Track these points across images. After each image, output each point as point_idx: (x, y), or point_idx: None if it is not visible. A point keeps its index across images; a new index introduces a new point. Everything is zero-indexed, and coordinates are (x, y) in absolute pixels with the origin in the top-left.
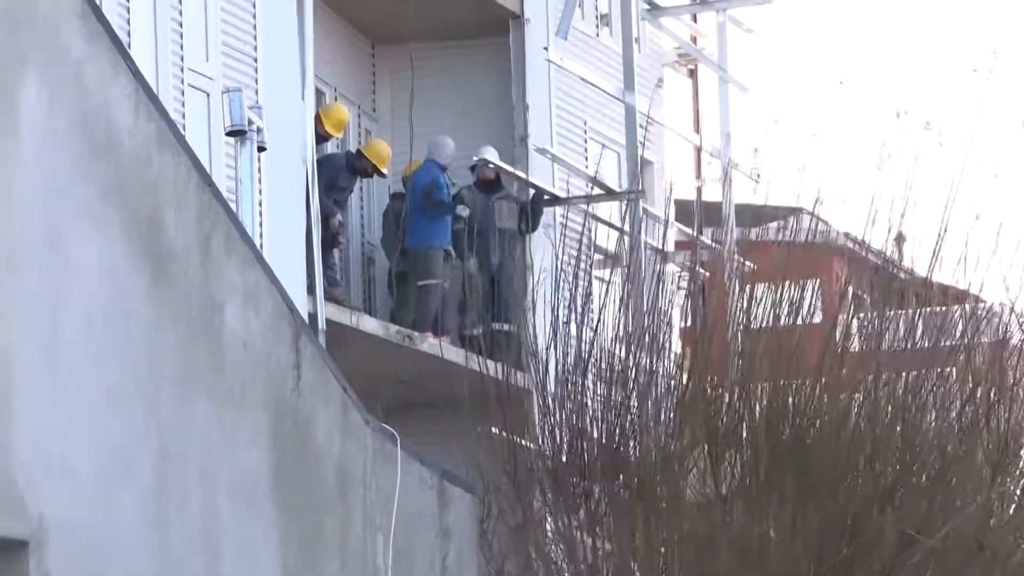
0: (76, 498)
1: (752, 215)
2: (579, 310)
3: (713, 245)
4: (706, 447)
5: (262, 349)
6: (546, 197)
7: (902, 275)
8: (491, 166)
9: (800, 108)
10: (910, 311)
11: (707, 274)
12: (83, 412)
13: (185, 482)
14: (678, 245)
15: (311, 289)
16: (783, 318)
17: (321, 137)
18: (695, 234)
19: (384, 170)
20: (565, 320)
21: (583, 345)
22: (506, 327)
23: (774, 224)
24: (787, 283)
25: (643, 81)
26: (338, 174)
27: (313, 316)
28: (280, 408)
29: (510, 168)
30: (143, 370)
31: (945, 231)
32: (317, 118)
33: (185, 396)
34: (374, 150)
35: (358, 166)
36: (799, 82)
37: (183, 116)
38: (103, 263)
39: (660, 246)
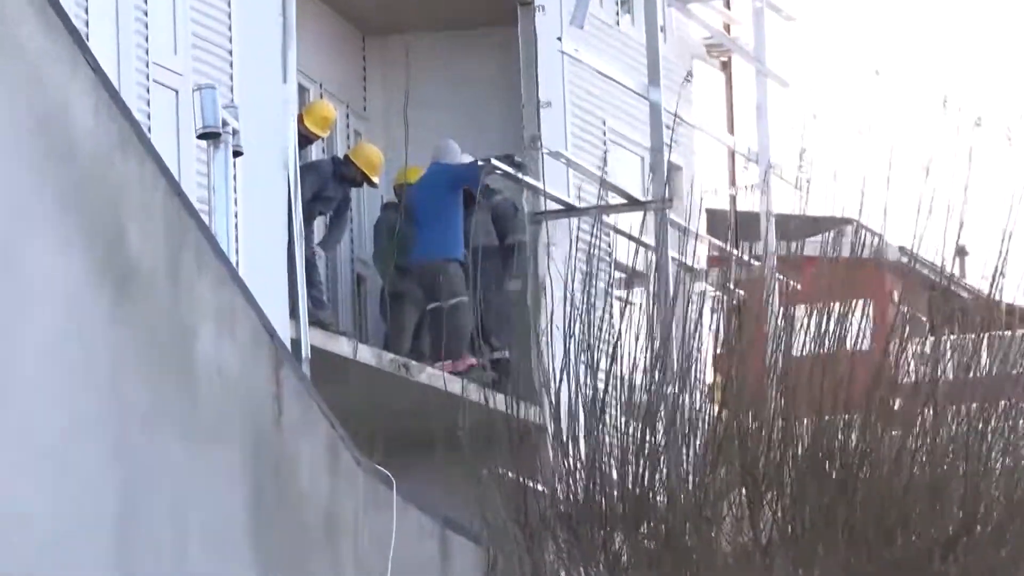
0: (30, 549)
1: (794, 227)
2: (598, 336)
3: (750, 261)
4: (743, 490)
5: (239, 379)
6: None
7: (962, 294)
8: (498, 172)
9: (845, 103)
10: (972, 335)
11: (743, 294)
12: (38, 451)
13: (153, 529)
14: (710, 261)
15: (294, 312)
16: (829, 344)
17: (304, 139)
18: (729, 249)
19: (375, 179)
20: (582, 347)
21: (602, 376)
22: (499, 355)
23: (818, 237)
24: (833, 304)
25: (670, 75)
26: (325, 183)
27: (296, 342)
28: (259, 446)
29: (512, 170)
30: (105, 403)
31: (1009, 242)
32: (299, 118)
33: (152, 432)
34: (364, 156)
35: (346, 174)
36: (845, 75)
37: (148, 116)
38: (60, 282)
39: (690, 262)
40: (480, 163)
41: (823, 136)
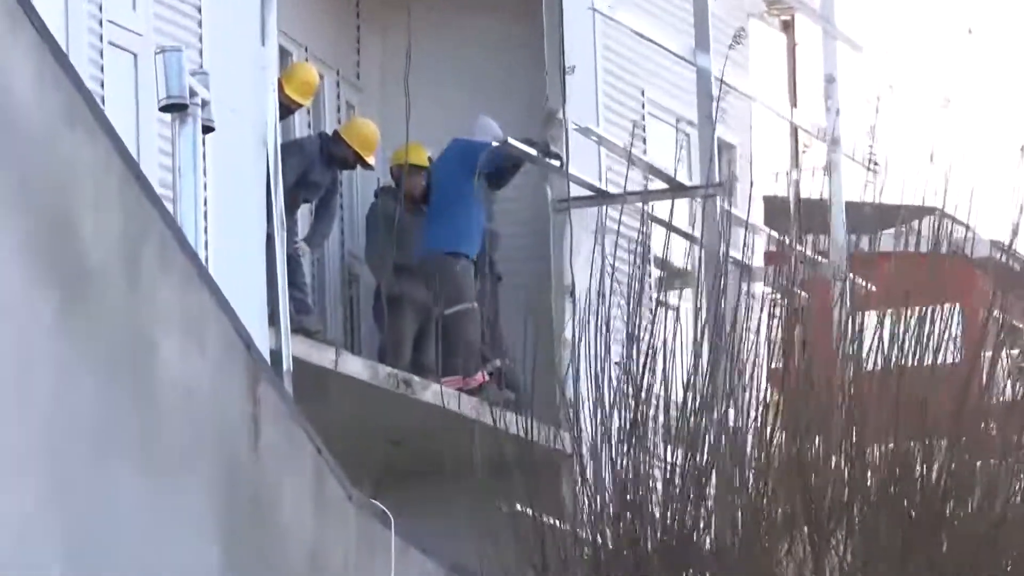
0: None
1: (869, 217)
2: (632, 347)
3: (815, 258)
4: (805, 528)
5: (209, 398)
6: (556, 159)
7: None
8: (519, 157)
9: (928, 70)
10: None
11: (806, 297)
12: None
13: None
14: (767, 258)
15: (273, 318)
16: (907, 355)
17: (284, 109)
18: (791, 243)
19: (370, 159)
20: (615, 360)
21: (639, 394)
22: (499, 363)
23: (895, 229)
24: (912, 308)
25: (721, 38)
26: (311, 165)
27: (276, 353)
28: (233, 477)
29: (529, 150)
30: (46, 429)
31: None
32: (279, 84)
33: (104, 463)
34: (356, 132)
35: (335, 153)
36: (929, 36)
37: (101, 85)
38: None
39: (744, 259)
40: (495, 144)
41: (901, 110)
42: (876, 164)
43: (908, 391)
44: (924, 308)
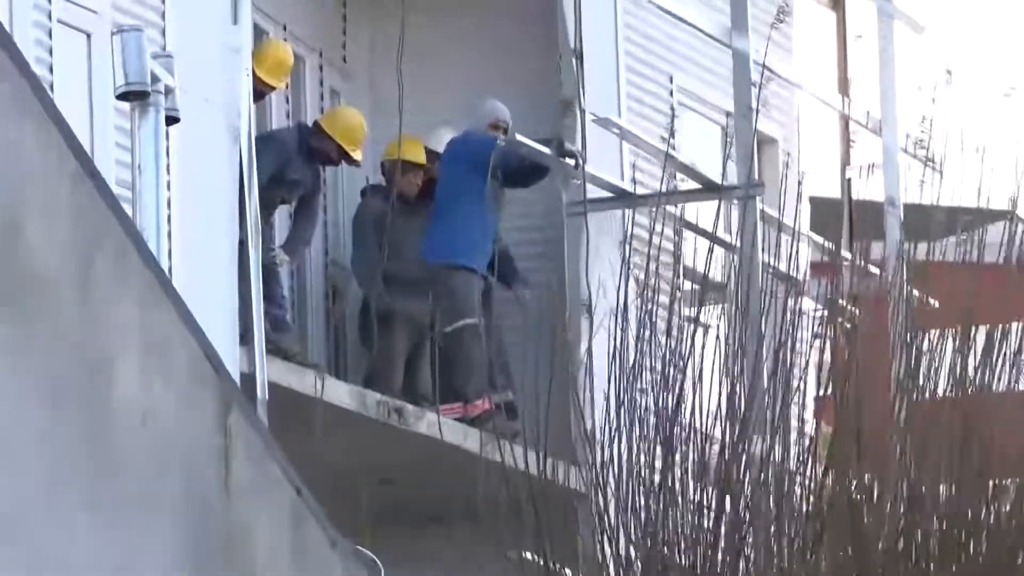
0: None
1: (932, 221)
2: (659, 371)
3: (869, 268)
4: None
5: (173, 429)
6: (571, 158)
7: None
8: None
9: (994, 55)
10: None
11: (860, 313)
12: None
13: None
14: (815, 268)
15: (247, 337)
16: (974, 380)
17: (256, 93)
18: (841, 251)
19: (356, 154)
20: (638, 386)
21: (667, 426)
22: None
23: (961, 236)
24: (978, 327)
25: (762, 16)
26: (288, 161)
27: (250, 378)
28: (200, 519)
29: (539, 146)
30: None
31: None
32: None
33: (53, 505)
34: (340, 123)
35: (317, 147)
36: (999, 14)
37: (50, 69)
38: None
39: (787, 270)
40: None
41: (962, 99)
42: (936, 161)
43: (973, 423)
44: (991, 327)
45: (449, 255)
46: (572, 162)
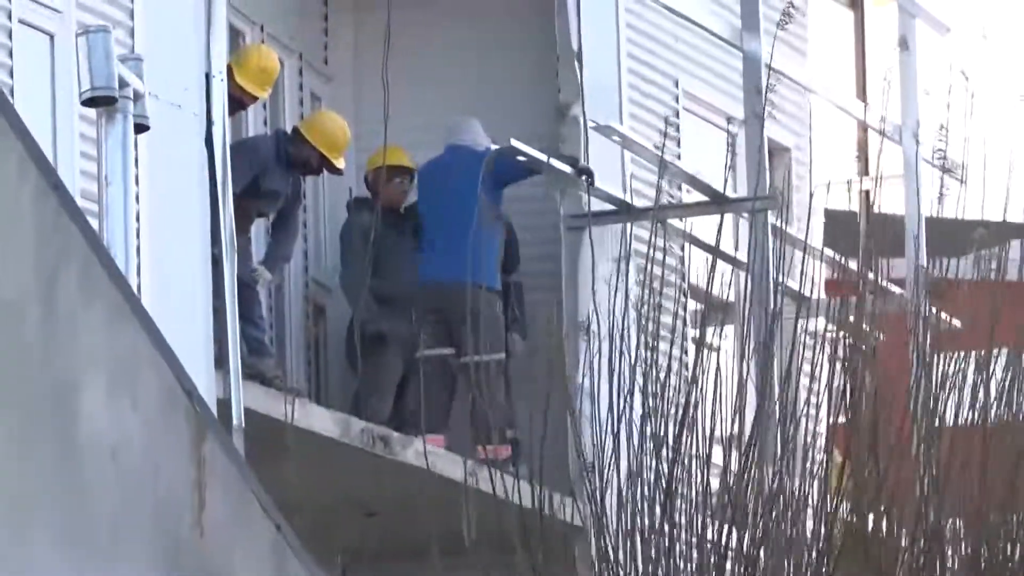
0: None
1: (957, 237)
2: (662, 396)
3: (889, 287)
4: None
5: (142, 459)
6: (587, 175)
7: None
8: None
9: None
10: None
11: (880, 336)
12: None
13: None
14: (829, 287)
15: (222, 361)
16: (999, 409)
17: (234, 102)
18: (859, 268)
19: (338, 162)
20: (639, 412)
21: (670, 455)
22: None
23: (982, 252)
24: (1001, 350)
25: (774, 16)
26: (265, 169)
27: (226, 404)
28: (173, 556)
29: (539, 155)
30: None
31: None
32: (228, 72)
33: (20, 536)
34: (320, 129)
35: (296, 155)
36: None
37: (11, 73)
38: None
39: (799, 288)
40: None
41: (982, 105)
42: (957, 171)
43: (996, 452)
44: (1013, 348)
45: (475, 274)
46: (587, 180)
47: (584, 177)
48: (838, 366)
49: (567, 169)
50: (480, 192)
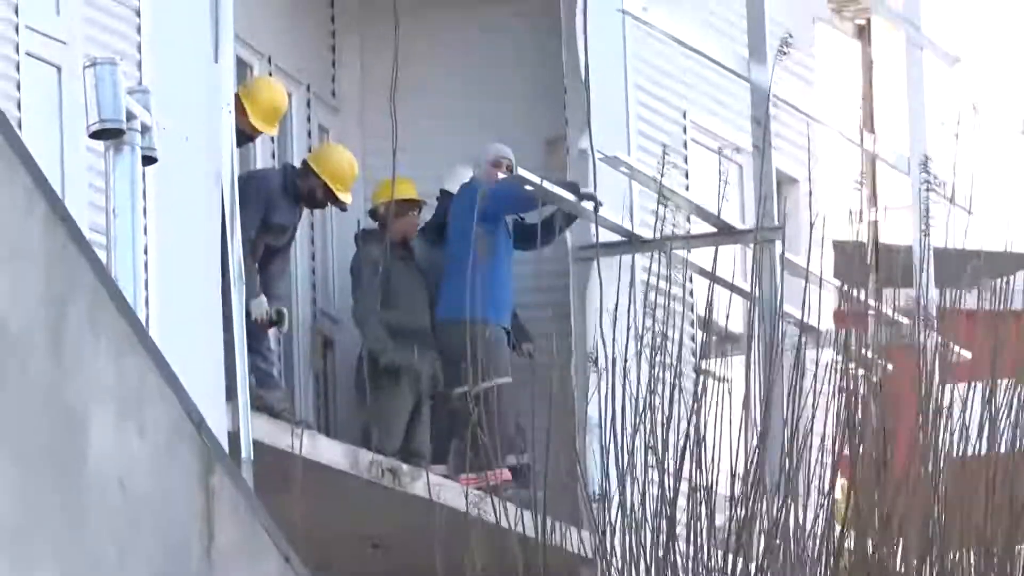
0: None
1: (969, 268)
2: (669, 426)
3: (897, 317)
4: None
5: (150, 491)
6: (590, 201)
7: None
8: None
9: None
10: None
11: (888, 366)
12: None
13: None
14: (837, 318)
15: (231, 393)
16: (1001, 439)
17: (244, 136)
18: (867, 299)
19: (344, 196)
20: (647, 443)
21: (677, 485)
22: (516, 460)
23: (998, 281)
24: (1007, 381)
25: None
26: (273, 204)
27: (235, 436)
28: None
29: (554, 187)
30: None
31: None
32: (236, 104)
33: (21, 570)
34: (329, 163)
35: (304, 188)
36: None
37: (18, 106)
38: None
39: (807, 319)
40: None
41: (988, 135)
42: (965, 202)
43: (1002, 484)
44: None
45: (475, 309)
46: (591, 206)
47: (588, 202)
48: (844, 396)
49: (571, 197)
50: (476, 225)
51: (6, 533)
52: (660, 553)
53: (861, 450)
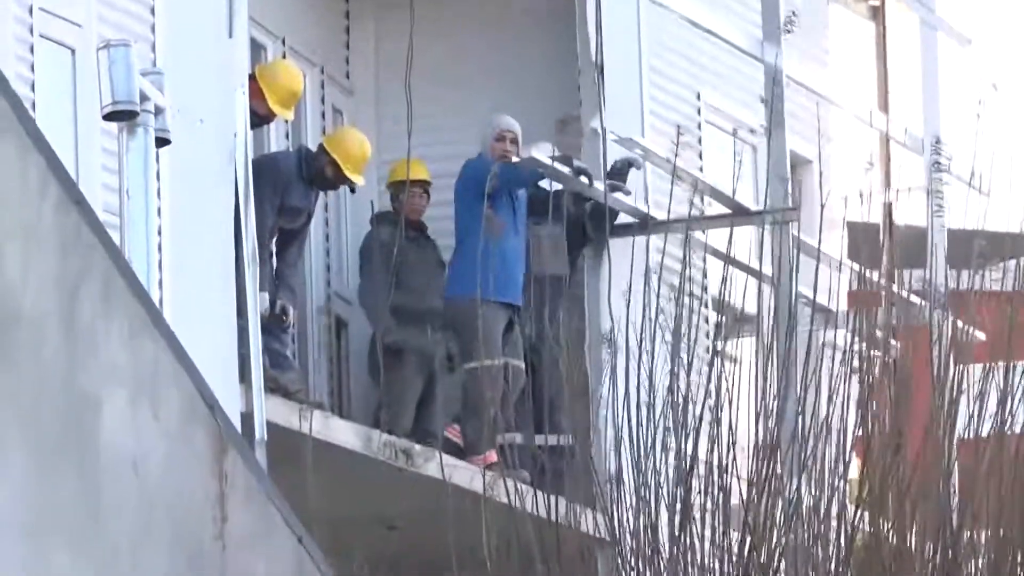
0: None
1: (980, 248)
2: (684, 408)
3: (911, 299)
4: None
5: (164, 473)
6: (584, 175)
7: None
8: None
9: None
10: None
11: (901, 347)
12: None
13: None
14: (852, 299)
15: (244, 374)
16: (1016, 419)
17: (259, 118)
18: (881, 281)
19: (358, 178)
20: (663, 425)
21: (691, 466)
22: (554, 441)
23: (1005, 263)
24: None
25: (797, 29)
26: (288, 185)
27: (248, 418)
28: (194, 570)
29: (566, 168)
30: None
31: None
32: (253, 89)
33: (36, 554)
34: (343, 145)
35: (318, 170)
36: None
37: (32, 87)
38: None
39: (822, 300)
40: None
41: (1008, 116)
42: (980, 184)
43: (1017, 464)
44: None
45: (470, 288)
46: (585, 180)
47: (582, 176)
48: (859, 377)
49: (565, 170)
50: (472, 203)
51: (20, 515)
52: (676, 533)
53: (875, 431)
